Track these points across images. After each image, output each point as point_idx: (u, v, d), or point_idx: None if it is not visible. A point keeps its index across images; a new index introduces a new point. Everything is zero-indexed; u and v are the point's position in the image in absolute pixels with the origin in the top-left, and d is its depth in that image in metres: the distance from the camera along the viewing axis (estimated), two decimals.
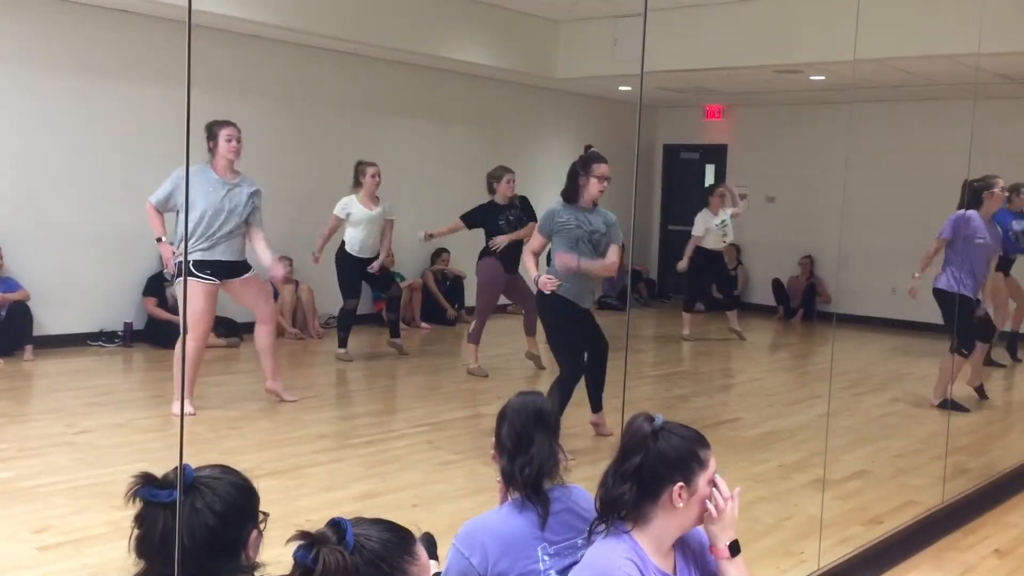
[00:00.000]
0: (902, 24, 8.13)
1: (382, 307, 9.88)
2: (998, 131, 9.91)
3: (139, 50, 8.03)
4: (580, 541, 2.36)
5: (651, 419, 2.24)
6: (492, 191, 7.57)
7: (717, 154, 13.20)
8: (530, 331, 7.60)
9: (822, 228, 11.14)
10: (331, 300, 9.47)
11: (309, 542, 1.51)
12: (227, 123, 5.87)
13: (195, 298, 5.73)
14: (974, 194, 6.73)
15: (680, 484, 2.16)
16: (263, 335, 6.17)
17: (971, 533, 4.40)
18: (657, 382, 7.70)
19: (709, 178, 13.27)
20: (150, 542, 1.71)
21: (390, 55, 9.71)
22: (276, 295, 8.98)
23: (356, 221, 7.77)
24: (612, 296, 12.51)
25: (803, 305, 11.79)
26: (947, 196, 9.26)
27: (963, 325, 6.61)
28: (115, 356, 7.77)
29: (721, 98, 12.58)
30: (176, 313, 8.04)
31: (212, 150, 5.84)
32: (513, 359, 8.01)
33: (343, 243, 7.87)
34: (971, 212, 6.67)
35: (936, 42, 8.19)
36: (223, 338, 8.10)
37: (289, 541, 1.53)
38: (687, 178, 13.37)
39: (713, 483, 2.22)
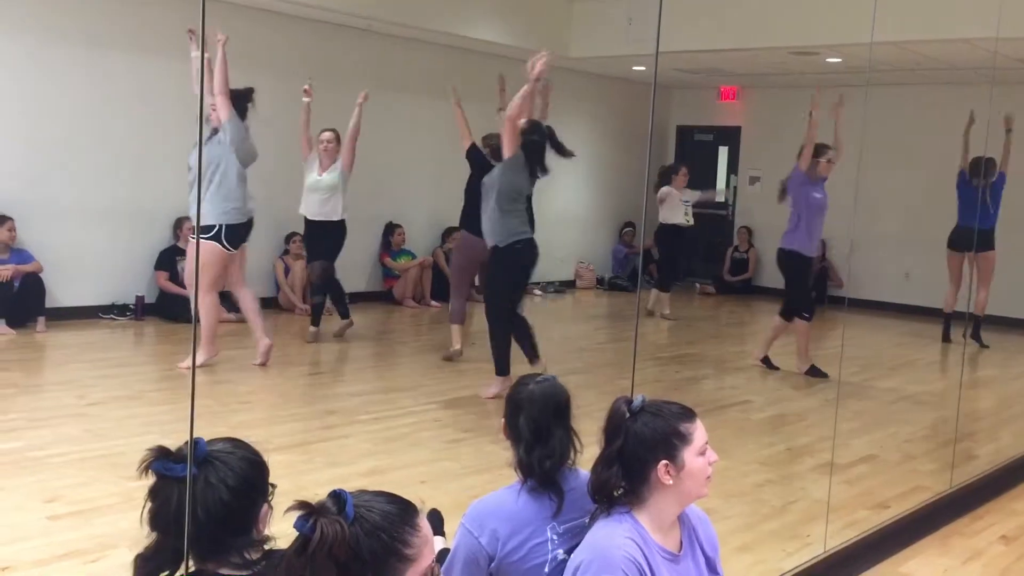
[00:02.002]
0: (920, 7, 8.05)
1: (393, 284, 9.91)
2: (1015, 116, 9.82)
3: (152, 23, 8.02)
4: (587, 521, 2.37)
5: (629, 402, 2.24)
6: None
7: (731, 136, 13.13)
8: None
9: (835, 212, 11.00)
10: (342, 276, 9.48)
11: (308, 512, 1.52)
12: None
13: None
14: None
15: (664, 462, 2.17)
16: (252, 295, 6.66)
17: (978, 519, 4.40)
18: (666, 363, 7.70)
19: (723, 160, 13.22)
20: (165, 516, 1.72)
21: (403, 32, 9.67)
22: (287, 271, 9.00)
23: (308, 183, 7.62)
24: (623, 277, 12.49)
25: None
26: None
27: (805, 287, 7.24)
28: (127, 329, 7.81)
29: (736, 80, 12.50)
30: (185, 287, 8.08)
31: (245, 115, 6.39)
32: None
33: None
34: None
35: (954, 25, 8.11)
36: (233, 313, 8.12)
37: (288, 511, 1.54)
38: (700, 160, 13.30)
39: (703, 454, 2.21)
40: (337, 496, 1.54)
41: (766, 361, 7.44)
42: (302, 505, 1.53)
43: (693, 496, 2.24)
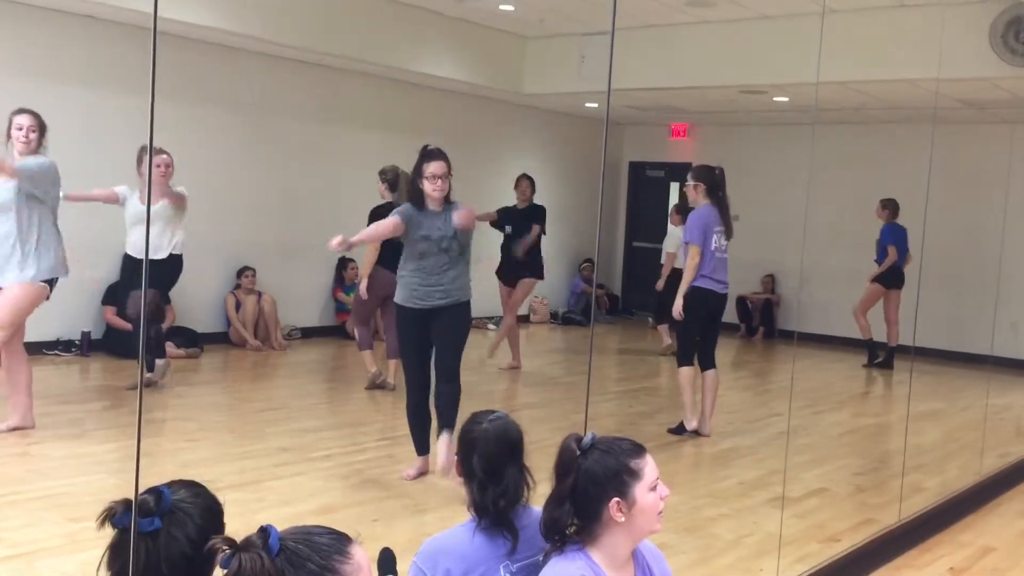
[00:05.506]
0: (864, 48, 8.27)
1: (346, 319, 9.84)
2: (956, 155, 10.11)
3: (102, 56, 7.95)
4: (541, 558, 2.36)
5: (579, 439, 2.24)
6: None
7: (682, 172, 13.17)
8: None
9: (786, 247, 11.26)
10: (294, 311, 9.42)
11: (232, 548, 1.54)
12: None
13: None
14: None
15: (616, 499, 2.17)
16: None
17: (927, 551, 4.45)
18: (620, 398, 7.72)
19: (674, 196, 13.37)
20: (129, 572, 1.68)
21: (358, 67, 9.69)
22: (239, 306, 8.90)
23: (134, 217, 6.58)
24: (576, 311, 12.55)
25: (763, 322, 11.90)
26: (907, 218, 9.44)
27: None
28: (72, 365, 7.65)
29: (687, 117, 12.69)
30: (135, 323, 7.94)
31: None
32: (470, 371, 7.98)
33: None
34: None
35: (897, 67, 8.33)
36: (182, 348, 8.03)
37: (213, 545, 1.55)
38: (652, 196, 13.49)
39: (654, 490, 2.21)
40: (263, 531, 1.57)
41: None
42: (226, 541, 1.55)
43: (646, 532, 2.25)
